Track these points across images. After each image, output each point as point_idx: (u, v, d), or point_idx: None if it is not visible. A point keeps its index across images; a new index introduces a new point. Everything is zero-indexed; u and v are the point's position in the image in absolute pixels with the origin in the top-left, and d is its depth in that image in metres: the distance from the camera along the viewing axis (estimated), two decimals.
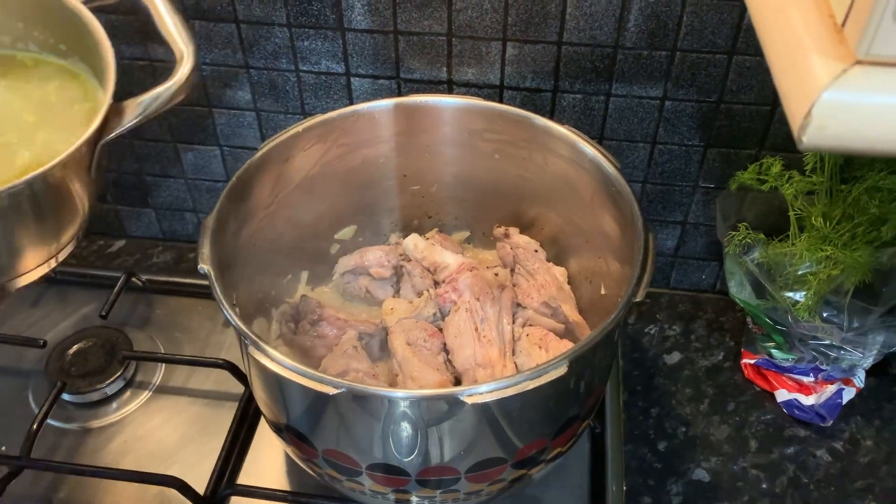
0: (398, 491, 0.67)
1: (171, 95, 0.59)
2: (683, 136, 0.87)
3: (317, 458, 0.67)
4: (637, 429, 0.86)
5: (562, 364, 0.58)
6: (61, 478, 0.81)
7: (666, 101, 0.84)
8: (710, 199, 0.92)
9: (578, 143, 0.76)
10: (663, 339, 0.95)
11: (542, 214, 0.86)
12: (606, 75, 0.83)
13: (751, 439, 0.85)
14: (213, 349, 0.92)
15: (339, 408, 0.61)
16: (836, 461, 0.83)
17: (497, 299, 0.81)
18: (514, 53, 0.83)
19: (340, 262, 0.88)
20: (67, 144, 0.58)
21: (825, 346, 0.83)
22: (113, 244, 1.09)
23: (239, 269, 0.74)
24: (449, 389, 0.59)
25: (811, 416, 0.86)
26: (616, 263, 0.75)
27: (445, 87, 0.87)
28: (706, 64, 0.80)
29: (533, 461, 0.68)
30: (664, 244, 0.97)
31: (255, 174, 0.75)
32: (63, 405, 0.87)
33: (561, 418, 0.67)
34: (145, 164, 1.00)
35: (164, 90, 0.59)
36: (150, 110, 0.60)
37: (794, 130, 0.32)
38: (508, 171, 0.84)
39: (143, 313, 0.97)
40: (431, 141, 0.84)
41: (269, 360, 0.59)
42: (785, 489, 0.81)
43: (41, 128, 0.61)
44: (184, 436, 0.85)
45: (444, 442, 0.62)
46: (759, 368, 0.89)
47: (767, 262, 0.80)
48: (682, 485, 0.81)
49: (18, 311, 0.98)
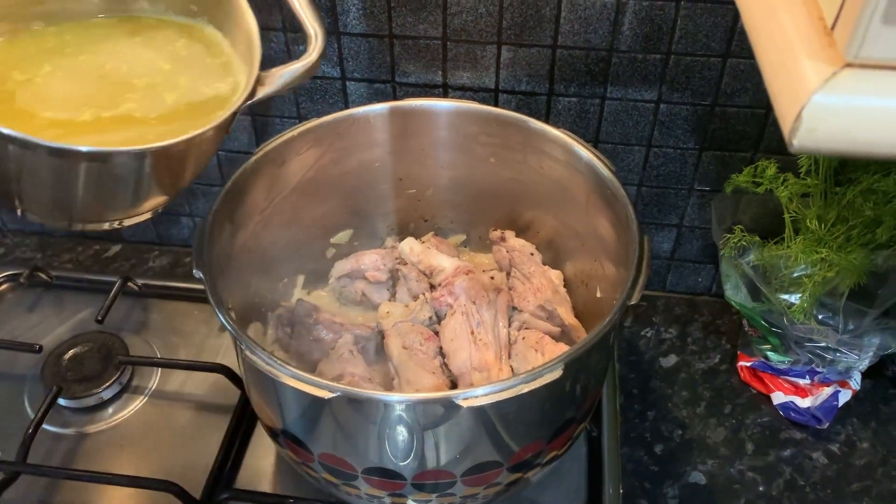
0: (394, 495, 0.67)
1: (306, 71, 0.61)
2: (678, 139, 0.87)
3: (313, 462, 0.67)
4: (633, 432, 0.86)
5: (557, 367, 0.58)
6: (57, 483, 0.80)
7: (661, 105, 0.84)
8: (705, 202, 0.92)
9: (574, 147, 0.76)
10: (659, 342, 0.96)
11: (537, 218, 0.86)
12: (601, 79, 0.83)
13: (747, 442, 0.85)
14: (210, 354, 0.92)
15: (335, 412, 0.61)
16: (833, 463, 0.84)
17: (493, 303, 0.81)
18: (509, 57, 0.83)
19: (336, 266, 0.88)
20: (212, 89, 0.59)
21: (821, 348, 0.83)
22: (109, 248, 1.09)
23: (234, 273, 0.74)
24: (445, 393, 0.59)
25: (807, 419, 0.86)
26: (611, 266, 0.75)
27: (441, 90, 0.87)
28: (700, 67, 0.81)
29: (529, 464, 0.68)
30: (660, 247, 0.97)
31: (251, 178, 0.75)
32: (59, 410, 0.87)
33: (557, 421, 0.67)
34: None
35: (301, 66, 0.61)
36: (284, 83, 0.60)
37: (785, 133, 0.32)
38: (504, 175, 0.84)
39: (139, 318, 0.97)
40: (427, 145, 0.84)
41: (264, 363, 0.59)
42: (781, 492, 0.81)
43: (180, 74, 0.60)
44: (180, 440, 0.84)
45: (440, 446, 0.62)
46: (756, 371, 0.89)
47: (763, 264, 0.80)
48: (679, 488, 0.81)
49: (14, 315, 0.98)
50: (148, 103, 0.58)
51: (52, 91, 0.56)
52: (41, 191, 0.53)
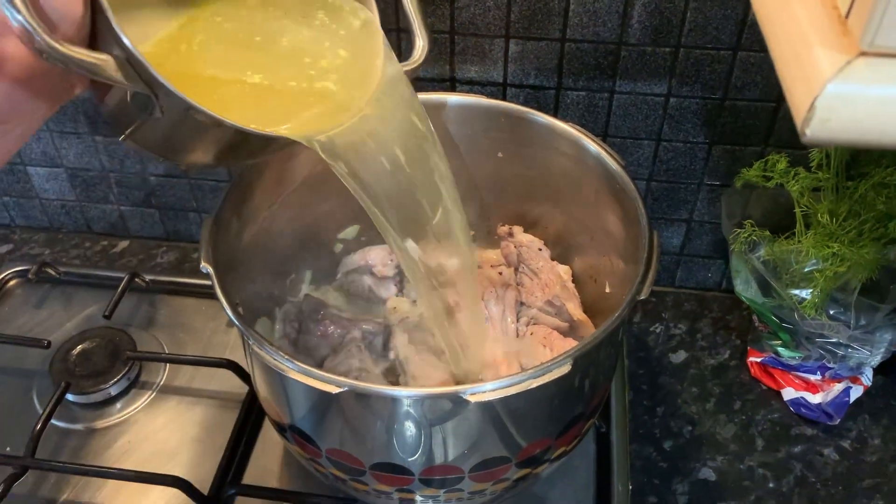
0: (402, 490, 0.67)
1: (411, 71, 0.61)
2: (688, 133, 0.86)
3: (320, 457, 0.67)
4: (642, 428, 0.86)
5: (566, 362, 0.58)
6: (65, 478, 0.81)
7: (670, 98, 0.83)
8: (715, 197, 0.91)
9: (582, 141, 0.75)
10: (669, 338, 0.95)
11: (545, 213, 0.85)
12: (610, 72, 0.82)
13: (757, 438, 0.85)
14: (217, 349, 0.92)
15: (343, 407, 0.60)
16: (844, 460, 0.83)
17: (501, 298, 0.81)
18: (518, 50, 0.82)
19: (344, 262, 0.88)
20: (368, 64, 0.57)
21: (832, 344, 0.82)
22: (117, 244, 1.09)
23: (242, 268, 0.74)
24: (453, 388, 0.58)
25: (818, 415, 0.85)
26: (620, 261, 0.75)
27: (448, 84, 0.87)
28: (710, 60, 0.80)
29: (537, 460, 0.67)
30: (669, 242, 0.97)
31: (258, 173, 0.75)
32: (67, 405, 0.87)
33: (565, 417, 0.66)
34: (149, 164, 1.00)
35: (409, 66, 0.61)
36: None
37: (798, 124, 0.32)
38: (512, 170, 0.83)
39: (146, 314, 0.97)
40: None
41: (272, 359, 0.58)
42: (792, 488, 0.81)
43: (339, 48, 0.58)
44: (188, 436, 0.84)
45: (448, 441, 0.62)
46: (766, 367, 0.89)
47: (773, 259, 0.79)
48: (688, 484, 0.81)
49: (22, 311, 0.98)
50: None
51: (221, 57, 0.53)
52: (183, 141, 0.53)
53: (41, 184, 1.05)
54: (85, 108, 0.96)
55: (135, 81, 0.45)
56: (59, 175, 1.04)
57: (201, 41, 0.52)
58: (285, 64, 0.54)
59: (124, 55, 0.44)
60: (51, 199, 1.07)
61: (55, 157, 1.02)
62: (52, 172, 1.04)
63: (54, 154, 1.02)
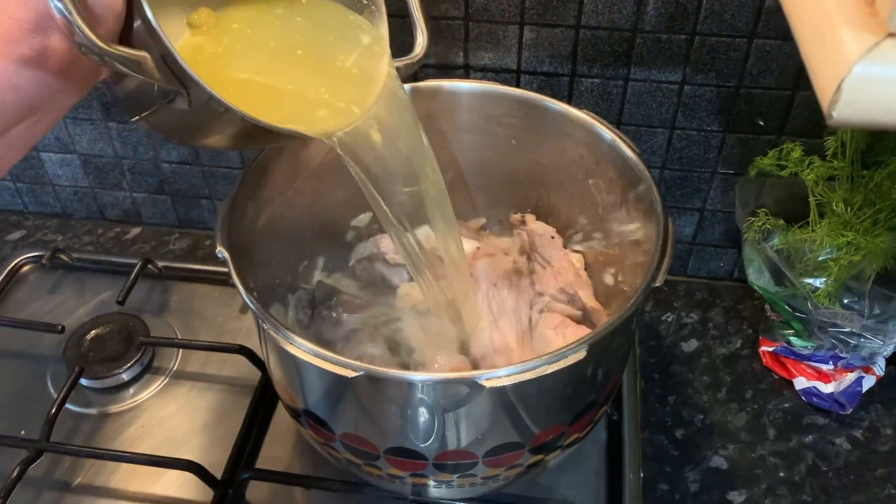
0: (416, 475, 0.67)
1: (411, 64, 0.63)
2: (702, 121, 0.86)
3: (334, 442, 0.67)
4: (654, 416, 0.86)
5: (581, 348, 0.58)
6: (79, 462, 0.81)
7: (685, 86, 0.83)
8: (728, 186, 0.91)
9: (597, 128, 0.75)
10: (680, 327, 0.95)
11: (559, 201, 0.85)
12: (625, 59, 0.82)
13: (769, 427, 0.85)
14: (230, 335, 0.92)
15: (358, 391, 0.61)
16: (856, 449, 0.83)
17: (514, 286, 0.81)
18: (532, 37, 0.82)
19: (356, 249, 0.88)
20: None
21: (845, 333, 0.82)
22: (129, 231, 1.09)
23: (255, 255, 0.74)
24: (467, 373, 0.59)
25: (830, 404, 0.85)
26: (634, 250, 0.75)
27: (462, 72, 0.87)
28: (726, 48, 0.80)
29: (550, 447, 0.67)
30: (682, 231, 0.97)
31: (273, 160, 0.75)
32: (81, 390, 0.87)
33: (578, 404, 0.66)
34: (161, 151, 1.01)
35: (410, 60, 0.64)
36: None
37: (824, 106, 0.32)
38: (525, 157, 0.83)
39: (159, 300, 0.98)
40: (448, 127, 0.83)
41: (287, 343, 0.59)
42: (804, 477, 0.81)
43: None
44: (200, 421, 0.85)
45: (462, 426, 0.62)
46: (778, 356, 0.88)
47: (787, 248, 0.79)
48: (700, 472, 0.81)
49: (36, 297, 0.98)
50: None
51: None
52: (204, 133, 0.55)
53: (54, 170, 1.06)
54: (99, 94, 0.96)
55: (168, 78, 0.45)
56: (72, 161, 1.04)
57: (228, 43, 0.54)
58: (303, 70, 0.58)
59: (160, 52, 0.44)
60: (63, 185, 1.07)
61: (68, 143, 1.02)
62: (65, 159, 1.04)
63: (67, 140, 1.02)
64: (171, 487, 0.79)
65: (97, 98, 0.96)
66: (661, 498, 0.79)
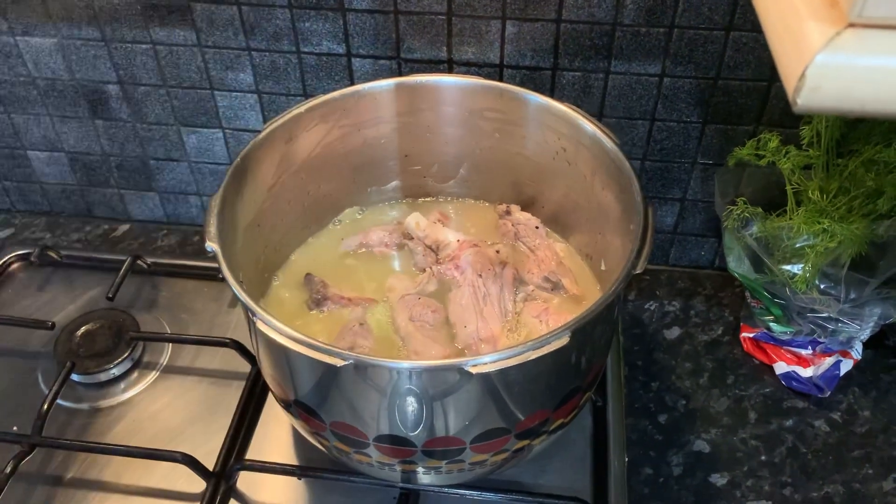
0: (405, 462, 0.68)
1: None
2: (682, 112, 0.87)
3: (325, 431, 0.68)
4: (638, 402, 0.88)
5: (564, 334, 0.59)
6: (72, 456, 0.82)
7: (664, 78, 0.85)
8: (708, 176, 0.93)
9: (578, 121, 0.76)
10: (663, 315, 0.97)
11: (542, 192, 0.87)
12: (605, 53, 0.84)
13: (750, 411, 0.87)
14: (219, 330, 0.93)
15: (347, 380, 0.62)
16: (834, 431, 0.85)
17: (499, 275, 0.82)
18: (514, 32, 0.84)
19: (344, 243, 0.89)
20: None
21: (823, 318, 0.84)
22: (117, 228, 1.10)
23: (244, 249, 0.75)
24: (453, 360, 0.60)
25: (809, 388, 0.87)
26: (616, 239, 0.76)
27: (446, 66, 0.88)
28: (704, 40, 0.81)
29: (535, 432, 0.69)
30: (663, 221, 0.98)
31: (259, 154, 0.76)
32: (72, 385, 0.88)
33: (563, 390, 0.68)
34: (148, 147, 1.01)
35: None
36: None
37: (789, 93, 0.33)
38: (509, 150, 0.85)
39: (148, 296, 0.98)
40: (432, 121, 0.85)
41: (277, 333, 0.60)
42: (784, 459, 0.83)
43: None
44: (192, 414, 0.86)
45: (449, 413, 0.63)
46: (758, 342, 0.90)
47: (765, 236, 0.81)
48: (683, 456, 0.83)
49: (26, 294, 0.99)
50: None
51: None
52: None
53: (41, 168, 1.06)
54: (85, 91, 0.97)
55: None
56: (59, 159, 1.05)
57: None
58: None
59: None
60: (51, 183, 1.08)
61: (55, 141, 1.03)
62: (53, 157, 1.05)
63: (54, 138, 1.02)
64: (163, 480, 0.80)
65: (84, 96, 0.97)
66: (646, 481, 0.81)
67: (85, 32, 0.91)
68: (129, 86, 0.95)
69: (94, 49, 0.92)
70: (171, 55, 0.91)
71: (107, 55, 0.93)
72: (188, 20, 0.88)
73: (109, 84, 0.95)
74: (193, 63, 0.92)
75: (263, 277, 0.82)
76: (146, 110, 0.97)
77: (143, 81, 0.94)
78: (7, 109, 1.00)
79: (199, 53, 0.91)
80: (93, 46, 0.92)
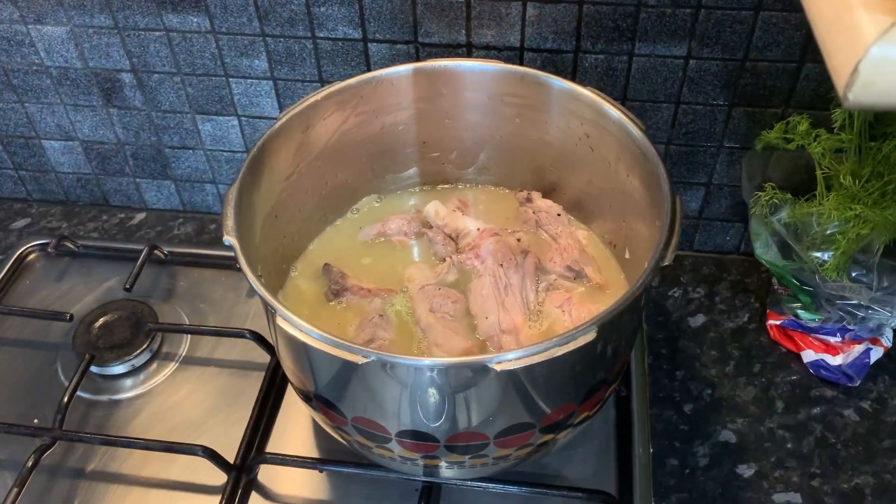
0: (427, 457, 0.67)
1: None
2: (708, 95, 0.85)
3: (346, 425, 0.67)
4: (662, 392, 0.86)
5: (591, 329, 0.58)
6: (93, 449, 0.82)
7: (690, 60, 0.82)
8: (734, 160, 0.91)
9: (602, 105, 0.74)
10: (687, 302, 0.95)
11: (564, 178, 0.85)
12: (629, 34, 0.81)
13: (777, 400, 0.85)
14: (238, 319, 0.93)
15: (368, 376, 0.61)
16: (864, 420, 0.83)
17: (520, 265, 0.81)
18: (535, 14, 0.81)
19: (363, 231, 0.88)
20: None
21: (853, 305, 0.82)
22: (134, 217, 1.09)
23: (262, 240, 0.74)
24: (477, 357, 0.59)
25: (838, 377, 0.86)
26: (641, 226, 0.75)
27: (464, 50, 0.86)
28: (731, 21, 0.79)
29: (560, 426, 0.68)
30: (688, 206, 0.96)
31: (276, 144, 0.75)
32: (91, 377, 0.88)
33: (588, 383, 0.67)
34: (163, 135, 1.00)
35: None
36: None
37: (840, 88, 0.31)
38: (530, 135, 0.83)
39: (166, 285, 0.98)
40: (451, 106, 0.83)
41: (296, 329, 0.59)
42: (812, 449, 0.81)
43: None
44: (211, 405, 0.85)
45: (473, 408, 0.62)
46: (785, 329, 0.89)
47: (794, 222, 0.79)
48: (709, 446, 0.82)
49: (43, 285, 0.98)
50: None
51: None
52: None
53: (56, 157, 1.05)
54: (98, 80, 0.95)
55: None
56: (74, 148, 1.04)
57: None
58: None
59: None
60: (66, 172, 1.07)
61: (70, 130, 1.02)
62: (67, 146, 1.04)
63: (69, 127, 1.01)
64: (184, 472, 0.80)
65: (97, 84, 0.96)
66: (671, 473, 0.80)
67: (97, 20, 0.89)
68: (143, 73, 0.94)
69: (107, 36, 0.91)
70: (185, 42, 0.90)
71: (119, 42, 0.91)
72: (201, 6, 0.86)
73: (123, 72, 0.94)
74: (207, 50, 0.90)
75: (281, 268, 0.81)
76: (160, 98, 0.96)
77: (157, 69, 0.93)
78: (21, 98, 0.99)
79: (213, 40, 0.89)
80: (105, 34, 0.91)
